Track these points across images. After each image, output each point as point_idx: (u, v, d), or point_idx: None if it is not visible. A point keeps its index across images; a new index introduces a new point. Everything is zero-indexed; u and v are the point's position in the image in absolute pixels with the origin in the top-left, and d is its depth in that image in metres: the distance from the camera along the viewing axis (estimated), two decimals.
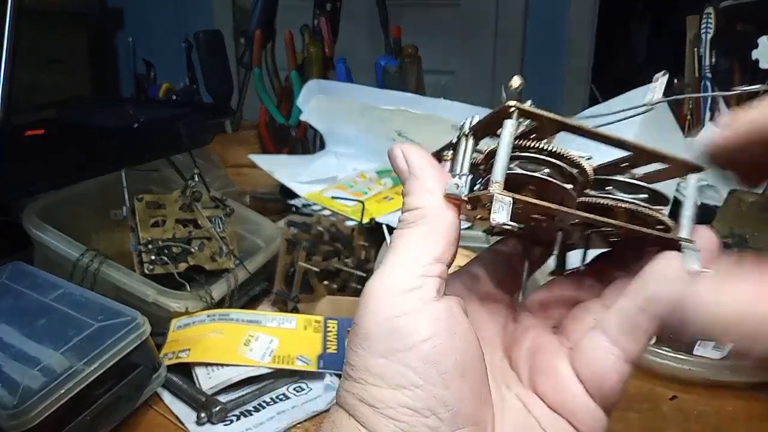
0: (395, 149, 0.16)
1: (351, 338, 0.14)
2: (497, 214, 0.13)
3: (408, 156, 0.15)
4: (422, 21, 1.29)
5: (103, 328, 0.28)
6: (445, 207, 0.15)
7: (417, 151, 0.15)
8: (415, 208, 0.15)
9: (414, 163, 0.15)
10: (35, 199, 0.39)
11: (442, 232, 0.14)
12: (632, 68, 1.60)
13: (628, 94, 0.52)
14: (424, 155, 0.15)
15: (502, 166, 0.14)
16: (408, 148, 0.16)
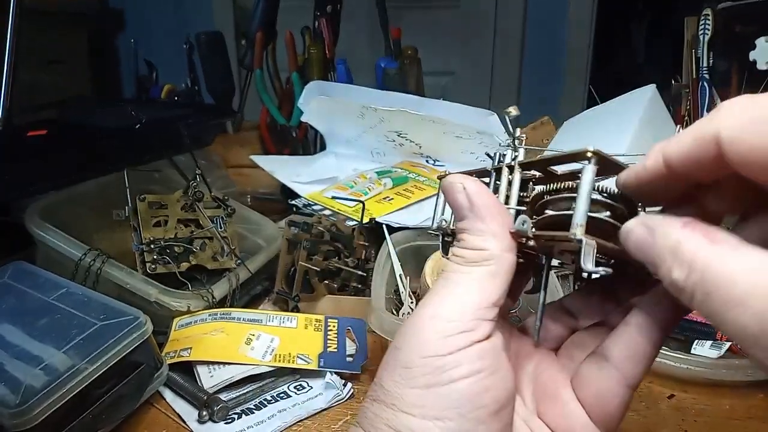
0: (455, 182, 0.15)
1: (389, 363, 0.14)
2: (586, 259, 0.13)
3: (471, 194, 0.15)
4: (422, 22, 1.30)
5: (105, 327, 0.28)
6: (508, 251, 0.14)
7: (480, 189, 0.15)
8: (479, 249, 0.14)
9: (478, 203, 0.15)
10: (37, 199, 0.40)
11: (504, 277, 0.14)
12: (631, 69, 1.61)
13: (624, 96, 0.52)
14: (488, 194, 0.15)
15: (584, 209, 0.13)
16: (470, 183, 0.15)
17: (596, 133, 0.50)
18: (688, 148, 0.12)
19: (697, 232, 0.12)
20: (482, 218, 0.15)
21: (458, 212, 0.15)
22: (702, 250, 0.12)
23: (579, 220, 0.13)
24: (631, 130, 0.42)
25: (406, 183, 0.51)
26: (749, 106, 0.11)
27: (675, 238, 0.12)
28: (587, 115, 0.56)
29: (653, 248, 0.13)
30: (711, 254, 0.12)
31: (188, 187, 0.42)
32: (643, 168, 0.13)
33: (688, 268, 0.12)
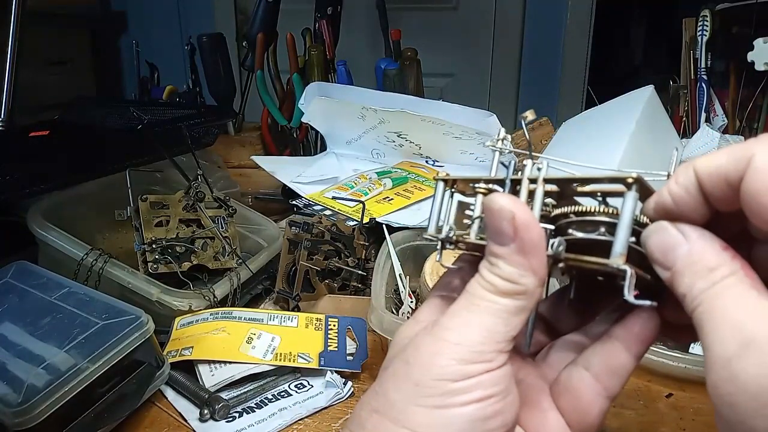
0: (504, 208, 0.14)
1: (399, 376, 0.14)
2: (629, 290, 0.13)
3: (519, 225, 0.14)
4: (422, 24, 1.30)
5: (108, 326, 0.28)
6: (539, 286, 0.14)
7: (529, 220, 0.14)
8: (515, 283, 0.14)
9: (525, 237, 0.14)
10: (40, 199, 0.40)
11: (529, 310, 0.14)
12: (629, 70, 1.61)
13: (622, 97, 0.52)
14: (536, 226, 0.14)
15: (626, 237, 0.13)
16: (520, 212, 0.14)
17: (594, 134, 0.50)
18: (722, 164, 0.12)
19: (736, 260, 0.12)
20: (526, 253, 0.14)
21: (498, 237, 0.14)
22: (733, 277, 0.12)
23: (620, 249, 0.13)
24: (629, 130, 0.43)
25: (406, 183, 0.52)
26: None
27: (716, 259, 0.12)
28: (585, 115, 0.56)
29: (686, 257, 0.13)
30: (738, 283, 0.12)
31: (190, 187, 0.42)
32: (676, 183, 0.13)
33: (711, 284, 0.12)
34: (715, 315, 0.12)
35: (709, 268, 0.13)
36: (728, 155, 0.12)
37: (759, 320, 0.11)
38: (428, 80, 0.73)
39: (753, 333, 0.11)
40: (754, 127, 0.66)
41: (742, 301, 0.12)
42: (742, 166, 0.12)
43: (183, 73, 0.77)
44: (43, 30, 1.00)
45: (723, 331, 0.12)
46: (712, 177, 0.13)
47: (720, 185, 0.12)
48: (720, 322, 0.12)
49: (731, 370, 0.11)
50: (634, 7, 1.57)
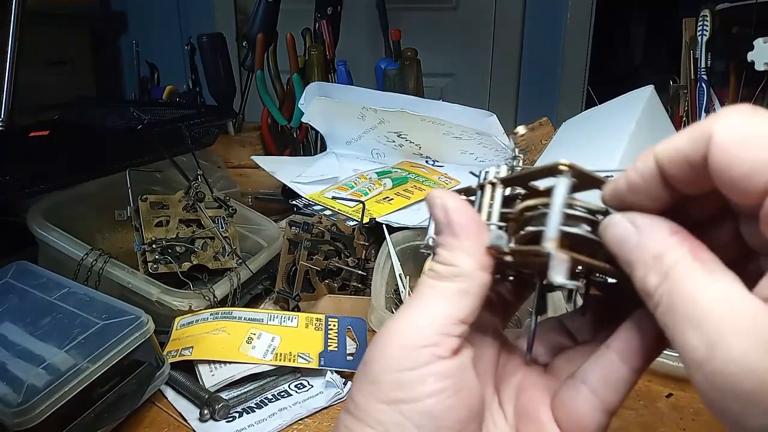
0: (436, 198, 0.15)
1: (359, 377, 0.14)
2: (554, 272, 0.13)
3: (449, 211, 0.15)
4: (422, 24, 1.30)
5: (108, 326, 0.28)
6: (480, 269, 0.14)
7: (459, 206, 0.15)
8: (450, 265, 0.14)
9: (454, 220, 0.14)
10: (40, 199, 0.40)
11: (474, 294, 0.14)
12: (629, 70, 1.61)
13: (622, 97, 0.52)
14: (467, 211, 0.15)
15: (556, 222, 0.13)
16: (449, 199, 0.15)
17: (594, 134, 0.50)
18: (681, 145, 0.12)
19: (684, 244, 0.12)
20: (456, 235, 0.14)
21: (437, 227, 0.15)
22: (681, 263, 0.12)
23: (550, 233, 0.13)
24: (629, 130, 0.43)
25: (406, 183, 0.52)
26: (747, 119, 0.11)
27: (661, 245, 0.12)
28: (585, 115, 0.56)
29: (636, 248, 0.13)
30: (687, 270, 0.12)
31: (190, 187, 0.42)
32: (634, 170, 0.13)
33: (663, 276, 0.12)
34: (675, 317, 0.11)
35: (655, 255, 0.12)
36: (688, 136, 0.12)
37: (718, 315, 0.11)
38: (428, 80, 0.73)
39: (716, 332, 0.11)
40: None
41: (697, 294, 0.11)
42: (702, 145, 0.11)
43: (183, 73, 0.77)
44: (43, 30, 1.00)
45: (686, 335, 0.11)
46: (672, 160, 0.12)
47: (682, 168, 0.12)
48: (681, 324, 0.11)
49: (706, 374, 0.11)
50: (634, 7, 1.57)
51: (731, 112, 0.11)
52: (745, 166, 0.11)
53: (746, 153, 0.11)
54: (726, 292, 0.11)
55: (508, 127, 0.54)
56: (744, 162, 0.11)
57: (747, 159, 0.11)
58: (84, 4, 1.23)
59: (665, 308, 0.12)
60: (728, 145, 0.11)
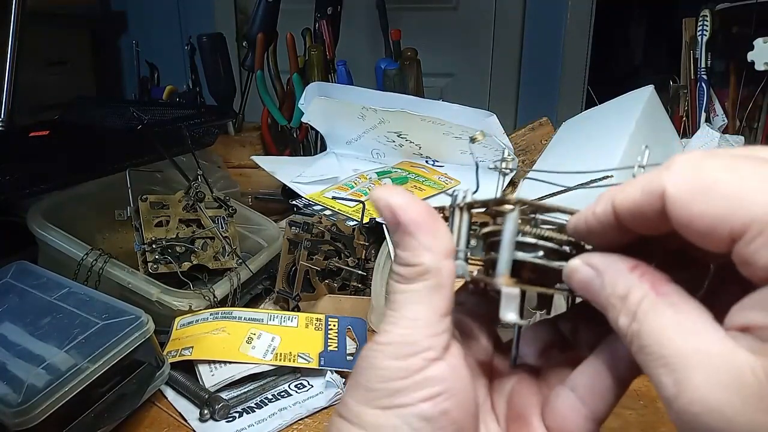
0: (378, 198, 0.14)
1: (352, 385, 0.14)
2: (506, 309, 0.13)
3: (395, 209, 0.14)
4: (422, 24, 1.30)
5: (108, 326, 0.28)
6: (444, 258, 0.14)
7: (403, 201, 0.14)
8: (413, 265, 0.14)
9: (404, 218, 0.14)
10: (40, 199, 0.40)
11: (446, 286, 0.14)
12: (629, 70, 1.61)
13: (622, 97, 0.52)
14: (412, 204, 0.14)
15: (507, 258, 0.13)
16: (393, 197, 0.14)
17: (594, 134, 0.50)
18: (636, 199, 0.12)
19: (645, 280, 0.12)
20: (411, 233, 0.14)
21: (387, 226, 0.15)
22: (645, 300, 0.12)
23: (501, 269, 0.13)
24: (629, 130, 0.43)
25: (406, 183, 0.52)
26: (698, 169, 0.11)
27: (624, 285, 0.12)
28: (585, 115, 0.56)
29: (601, 291, 0.13)
30: (651, 307, 0.12)
31: (190, 187, 0.42)
32: (593, 214, 0.13)
33: (632, 317, 0.12)
34: (646, 356, 0.11)
35: (621, 296, 0.12)
36: (642, 190, 0.12)
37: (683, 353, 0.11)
38: (428, 80, 0.72)
39: (682, 370, 0.11)
40: (754, 127, 0.66)
41: (663, 332, 0.11)
42: (657, 200, 0.12)
43: (183, 73, 0.77)
44: (43, 30, 1.00)
45: (657, 373, 0.11)
46: (628, 212, 0.12)
47: (638, 219, 0.12)
48: (652, 362, 0.11)
49: (676, 412, 0.11)
50: (634, 7, 1.57)
51: (680, 164, 0.12)
52: (706, 220, 0.11)
53: (704, 207, 0.11)
54: (690, 328, 0.11)
55: (508, 127, 0.54)
56: (703, 216, 0.11)
57: (706, 213, 0.11)
58: (84, 4, 1.23)
59: (637, 348, 0.12)
60: (683, 201, 0.11)
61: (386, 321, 0.14)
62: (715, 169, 0.11)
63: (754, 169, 0.11)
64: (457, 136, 0.52)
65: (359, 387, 0.14)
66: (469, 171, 0.54)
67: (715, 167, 0.11)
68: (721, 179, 0.11)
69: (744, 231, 0.10)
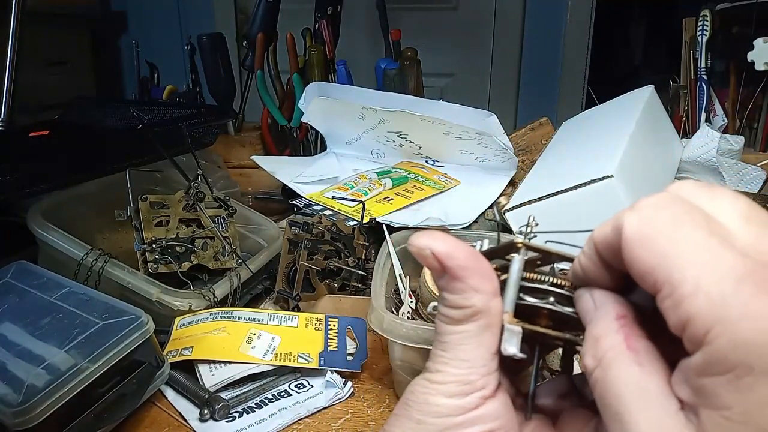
0: (422, 247, 0.14)
1: (401, 417, 0.14)
2: (507, 342, 0.14)
3: (441, 257, 0.14)
4: (422, 24, 1.30)
5: (108, 326, 0.28)
6: (492, 299, 0.14)
7: (447, 247, 0.14)
8: (463, 308, 0.14)
9: (450, 264, 0.14)
10: (40, 199, 0.40)
11: (496, 325, 0.14)
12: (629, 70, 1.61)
13: (622, 97, 0.52)
14: (457, 249, 0.14)
15: (512, 297, 0.14)
16: (435, 243, 0.14)
17: (594, 134, 0.50)
18: (607, 235, 0.13)
19: (621, 331, 0.13)
20: (459, 277, 0.14)
21: (433, 273, 0.15)
22: (613, 351, 0.12)
23: (506, 306, 0.14)
24: (629, 130, 0.43)
25: (406, 183, 0.52)
26: (650, 216, 0.12)
27: (602, 328, 0.13)
28: (586, 115, 0.56)
29: (589, 324, 0.13)
30: (617, 359, 0.12)
31: (190, 187, 0.42)
32: (583, 254, 0.14)
33: (597, 361, 0.12)
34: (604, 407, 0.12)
35: (595, 337, 0.13)
36: (612, 226, 0.13)
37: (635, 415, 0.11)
38: (428, 80, 0.72)
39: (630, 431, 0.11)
40: (754, 127, 0.66)
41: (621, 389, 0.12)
42: (618, 237, 0.12)
43: (183, 73, 0.77)
44: (43, 30, 1.00)
45: (611, 426, 0.12)
46: (603, 248, 0.13)
47: (611, 255, 0.13)
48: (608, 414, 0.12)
49: None
50: (634, 7, 1.57)
51: (641, 206, 0.12)
52: (641, 266, 0.11)
53: (641, 254, 0.11)
54: (648, 392, 0.11)
55: (508, 127, 0.54)
56: (639, 262, 0.11)
57: (641, 260, 0.11)
58: (84, 4, 1.23)
59: (598, 394, 0.12)
60: (631, 244, 0.12)
61: (437, 361, 0.14)
62: (662, 221, 0.12)
63: (695, 231, 0.11)
64: (457, 136, 0.52)
65: (410, 419, 0.14)
66: (469, 171, 0.54)
67: (663, 219, 0.12)
68: (663, 233, 0.11)
69: (661, 287, 0.11)
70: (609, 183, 0.36)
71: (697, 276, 0.11)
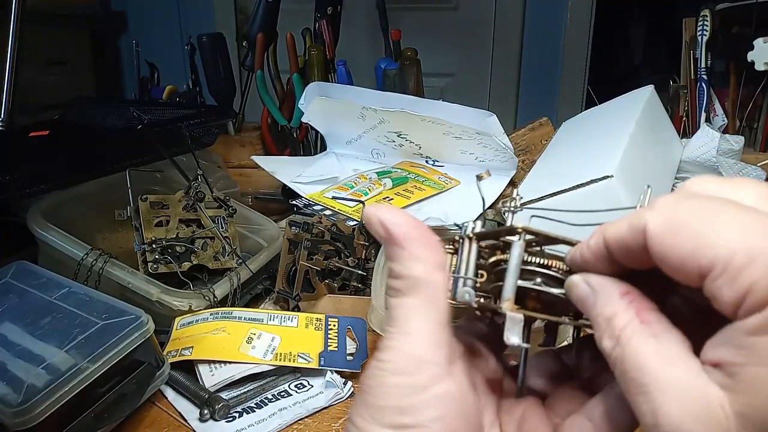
0: (370, 215, 0.15)
1: (359, 404, 0.14)
2: (510, 332, 0.14)
3: (386, 224, 0.14)
4: (422, 24, 1.30)
5: (107, 326, 0.28)
6: (435, 269, 0.14)
7: (393, 216, 0.14)
8: (405, 277, 0.14)
9: (394, 232, 0.14)
10: (40, 199, 0.40)
11: (440, 297, 0.14)
12: (629, 70, 1.61)
13: (622, 97, 0.52)
14: (402, 218, 0.14)
15: (512, 283, 0.14)
16: (384, 212, 0.15)
17: (594, 134, 0.50)
18: (623, 234, 0.13)
19: (632, 306, 0.13)
20: (401, 245, 0.14)
21: (380, 241, 0.15)
22: (629, 327, 0.12)
23: (506, 294, 0.14)
24: (629, 130, 0.43)
25: (406, 183, 0.52)
26: (675, 209, 0.12)
27: (611, 309, 0.13)
28: (586, 115, 0.56)
29: (593, 309, 0.14)
30: (634, 335, 0.12)
31: (190, 187, 0.42)
32: (587, 246, 0.14)
33: (615, 341, 0.13)
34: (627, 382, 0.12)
35: (607, 318, 0.13)
36: (628, 225, 0.13)
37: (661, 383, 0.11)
38: (428, 80, 0.72)
39: (658, 399, 0.11)
40: (754, 127, 0.66)
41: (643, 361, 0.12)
42: (639, 236, 0.12)
43: (183, 73, 0.77)
44: (43, 30, 1.00)
45: (637, 400, 0.12)
46: (617, 246, 0.13)
47: (625, 252, 0.13)
48: (632, 389, 0.12)
49: None
50: (634, 7, 1.57)
51: (661, 203, 0.12)
52: (678, 257, 0.12)
53: (676, 244, 0.12)
54: (669, 359, 0.12)
55: (508, 127, 0.54)
56: (676, 252, 0.12)
57: (678, 249, 0.12)
58: (84, 4, 1.23)
59: (620, 373, 0.12)
60: (660, 238, 0.12)
61: (386, 337, 0.14)
62: (690, 210, 0.12)
63: (726, 208, 0.12)
64: (457, 136, 0.52)
65: (367, 405, 0.14)
66: (469, 171, 0.54)
67: (690, 208, 0.12)
68: (694, 219, 0.12)
69: (710, 268, 0.11)
70: (609, 183, 0.36)
71: (748, 246, 0.11)
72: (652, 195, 0.15)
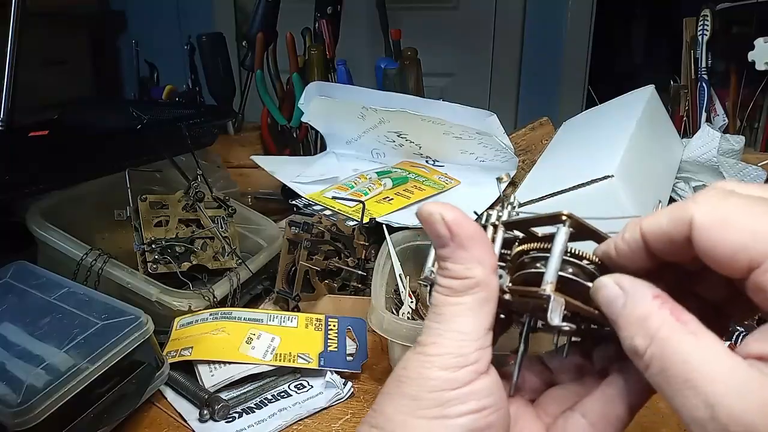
0: (433, 213, 0.15)
1: (393, 393, 0.14)
2: (553, 314, 0.14)
3: (450, 223, 0.14)
4: (422, 24, 1.30)
5: (107, 326, 0.28)
6: (492, 274, 0.15)
7: (459, 216, 0.15)
8: (464, 278, 0.14)
9: (459, 232, 0.14)
10: (39, 199, 0.40)
11: (493, 300, 0.15)
12: (630, 70, 1.61)
13: (622, 97, 0.52)
14: (467, 219, 0.15)
15: (555, 268, 0.14)
16: (448, 212, 0.15)
17: (595, 134, 0.50)
18: (664, 225, 0.13)
19: (666, 306, 0.13)
20: (464, 246, 0.14)
21: (438, 241, 0.15)
22: (666, 326, 0.13)
23: (549, 277, 0.14)
24: (630, 130, 0.43)
25: (406, 183, 0.52)
26: (723, 203, 0.12)
27: (645, 309, 0.13)
28: (586, 115, 0.56)
29: (623, 310, 0.14)
30: (674, 332, 0.12)
31: (189, 187, 0.42)
32: (622, 239, 0.14)
33: (650, 339, 0.13)
34: (669, 378, 0.12)
35: (640, 318, 0.13)
36: (669, 217, 0.13)
37: (711, 376, 0.12)
38: (428, 80, 0.72)
39: (712, 392, 0.11)
40: (754, 127, 0.66)
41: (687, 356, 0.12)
42: (684, 227, 0.13)
43: (183, 72, 0.77)
44: (43, 30, 1.00)
45: (684, 395, 0.12)
46: (656, 238, 0.13)
47: (664, 244, 0.13)
48: (676, 384, 0.12)
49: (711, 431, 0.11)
50: (634, 7, 1.57)
51: (708, 195, 0.13)
52: (728, 248, 0.12)
53: (727, 236, 0.12)
54: (713, 353, 0.12)
55: (508, 127, 0.54)
56: (726, 244, 0.12)
57: (728, 241, 0.12)
58: (84, 4, 1.23)
59: (657, 370, 0.13)
60: (709, 229, 0.12)
61: (431, 333, 0.15)
62: (738, 205, 0.12)
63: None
64: (457, 136, 0.52)
65: (403, 396, 0.14)
66: (469, 171, 0.54)
67: (737, 203, 0.12)
68: (743, 213, 0.12)
69: (762, 261, 0.12)
70: (610, 183, 0.36)
71: None
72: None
